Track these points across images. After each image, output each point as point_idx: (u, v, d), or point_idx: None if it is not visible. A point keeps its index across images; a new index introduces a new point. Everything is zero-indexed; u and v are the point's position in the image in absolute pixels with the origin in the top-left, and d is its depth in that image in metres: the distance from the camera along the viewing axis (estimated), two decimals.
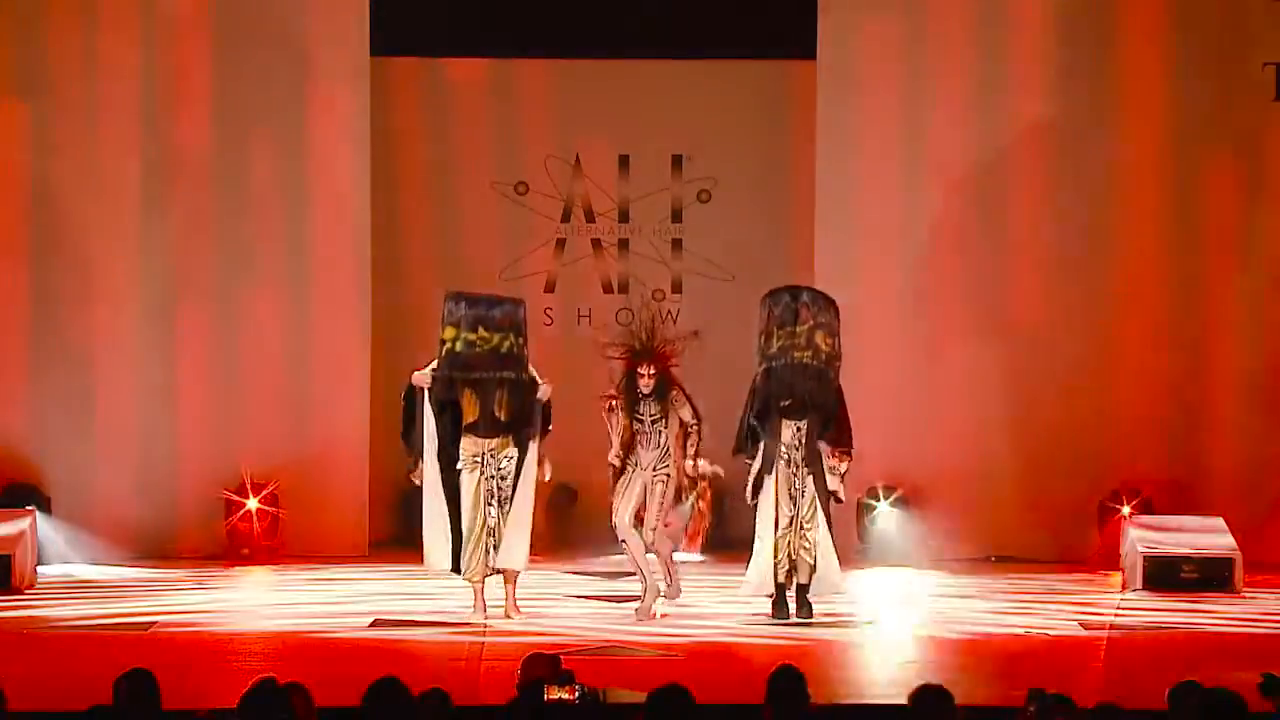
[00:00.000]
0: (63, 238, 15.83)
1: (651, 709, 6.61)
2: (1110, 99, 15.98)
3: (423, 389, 12.21)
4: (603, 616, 12.20)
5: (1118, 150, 16.01)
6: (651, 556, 12.31)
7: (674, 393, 12.15)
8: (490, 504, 12.00)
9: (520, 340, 12.17)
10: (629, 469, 12.19)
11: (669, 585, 12.35)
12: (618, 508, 12.18)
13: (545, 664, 7.41)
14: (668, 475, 12.13)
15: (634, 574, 12.37)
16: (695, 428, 12.16)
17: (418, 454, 12.28)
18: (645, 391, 12.10)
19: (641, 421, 12.15)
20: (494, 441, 12.01)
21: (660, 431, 12.13)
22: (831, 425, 12.21)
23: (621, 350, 12.29)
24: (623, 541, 12.22)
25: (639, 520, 12.14)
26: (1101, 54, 16.01)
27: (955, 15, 16.06)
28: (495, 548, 11.97)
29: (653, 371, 12.08)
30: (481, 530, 11.99)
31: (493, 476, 12.01)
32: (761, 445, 12.14)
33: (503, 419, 12.02)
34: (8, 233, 15.85)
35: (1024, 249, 16.07)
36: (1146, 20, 16.00)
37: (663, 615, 12.09)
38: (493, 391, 12.03)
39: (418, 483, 12.38)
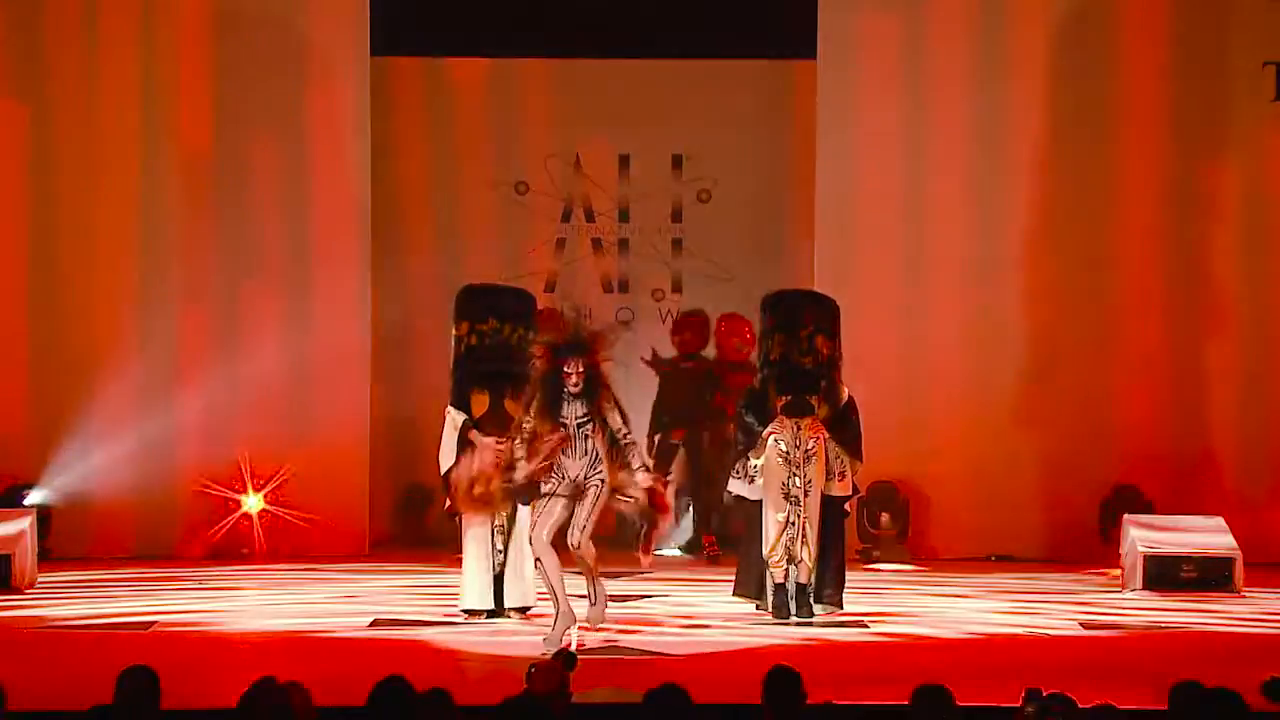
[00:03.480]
0: (63, 237, 15.83)
1: (648, 709, 6.60)
2: (1110, 98, 15.98)
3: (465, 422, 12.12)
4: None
5: (1117, 149, 16.01)
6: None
7: (604, 393, 11.02)
8: None
9: (531, 335, 12.24)
10: (551, 483, 11.01)
11: (592, 604, 11.22)
12: (535, 523, 11.13)
13: (556, 672, 7.38)
14: (601, 481, 10.97)
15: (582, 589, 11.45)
16: (628, 438, 11.06)
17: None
18: (573, 391, 10.93)
19: (565, 425, 10.96)
20: (502, 443, 12.01)
21: (587, 437, 10.95)
22: (839, 429, 12.23)
23: (544, 345, 11.09)
24: (538, 560, 11.10)
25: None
26: (1101, 53, 16.01)
27: (955, 15, 16.07)
28: (504, 546, 12.00)
29: (581, 369, 10.94)
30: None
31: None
32: (760, 439, 12.15)
33: (512, 416, 12.04)
34: (8, 232, 15.86)
35: (1023, 247, 16.07)
36: (1146, 19, 16.01)
37: (579, 644, 10.79)
38: (503, 390, 12.06)
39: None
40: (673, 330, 16.43)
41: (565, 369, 10.91)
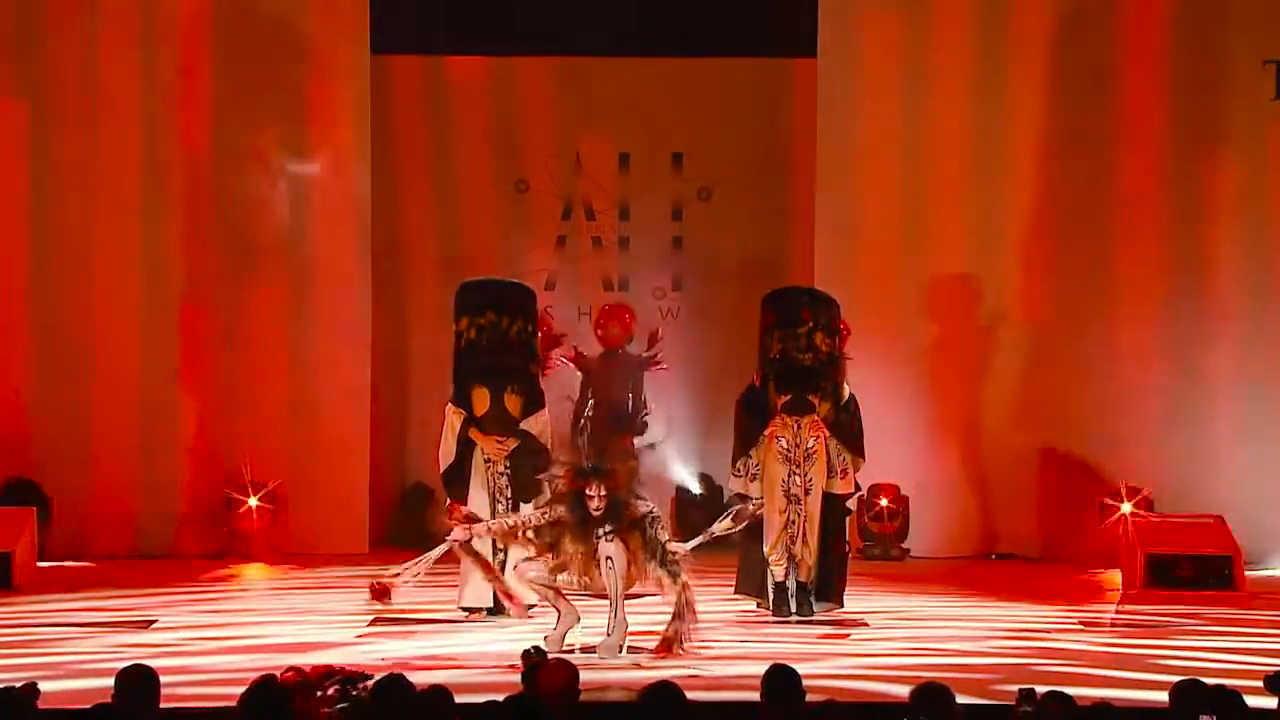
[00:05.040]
0: (63, 236, 15.83)
1: (643, 706, 6.59)
2: (1110, 97, 15.99)
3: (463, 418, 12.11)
4: (601, 614, 12.15)
5: (1117, 147, 16.01)
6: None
7: (625, 520, 10.59)
8: (497, 501, 12.03)
9: (530, 327, 12.28)
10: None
11: (608, 634, 10.73)
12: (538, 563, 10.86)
13: (564, 672, 7.37)
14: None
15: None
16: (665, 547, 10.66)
17: (460, 496, 12.18)
18: (594, 513, 10.58)
19: (596, 541, 10.63)
20: (503, 441, 12.01)
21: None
22: (841, 427, 12.23)
23: (566, 469, 10.76)
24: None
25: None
26: (1101, 52, 16.01)
27: (955, 13, 16.07)
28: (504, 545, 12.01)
29: (603, 492, 10.58)
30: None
31: (502, 473, 12.03)
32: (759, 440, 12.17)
33: (514, 415, 12.03)
34: (8, 231, 15.86)
35: (1024, 246, 16.07)
36: (1146, 17, 16.01)
37: (582, 647, 10.70)
38: (503, 387, 12.06)
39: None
40: (595, 323, 16.49)
41: (588, 491, 10.60)
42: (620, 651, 10.66)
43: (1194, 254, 16.00)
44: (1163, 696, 7.24)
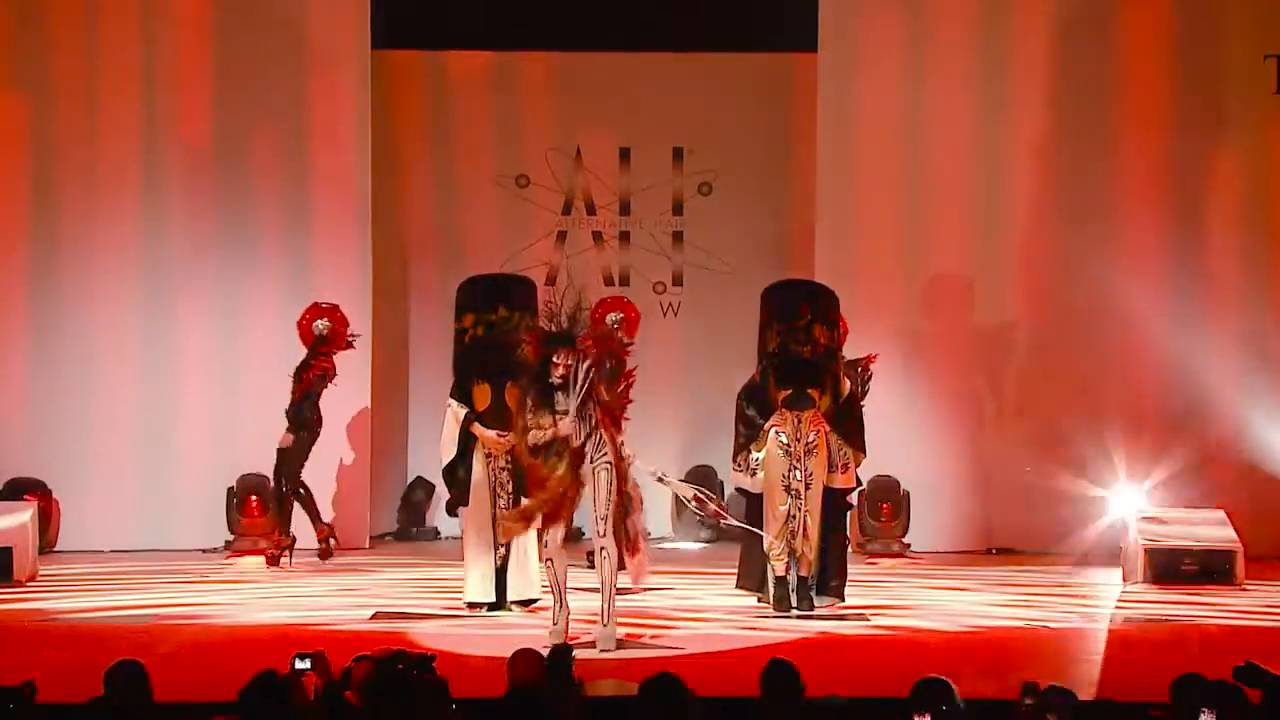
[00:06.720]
0: (64, 232, 15.84)
1: (644, 700, 6.58)
2: (1110, 92, 15.99)
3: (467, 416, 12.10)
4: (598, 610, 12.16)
5: (1118, 143, 16.01)
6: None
7: (593, 387, 10.38)
8: (498, 495, 12.03)
9: (535, 322, 12.27)
10: None
11: (603, 625, 10.54)
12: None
13: (534, 661, 7.38)
14: (608, 464, 10.45)
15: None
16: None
17: (462, 491, 12.18)
18: (557, 383, 10.41)
19: (565, 412, 10.40)
20: (504, 435, 12.02)
21: (588, 416, 10.40)
22: (841, 421, 12.21)
23: (533, 335, 10.59)
24: (549, 560, 10.70)
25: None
26: (1102, 47, 16.02)
27: (956, 8, 16.08)
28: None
29: (569, 361, 10.40)
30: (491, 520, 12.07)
31: (504, 468, 12.04)
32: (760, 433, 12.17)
33: (515, 410, 12.04)
34: (8, 229, 15.86)
35: (1023, 241, 16.07)
36: (1146, 13, 16.01)
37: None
38: (505, 382, 12.05)
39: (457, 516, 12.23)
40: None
41: (554, 360, 10.42)
42: (615, 644, 10.63)
43: (1195, 250, 16.00)
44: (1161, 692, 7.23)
